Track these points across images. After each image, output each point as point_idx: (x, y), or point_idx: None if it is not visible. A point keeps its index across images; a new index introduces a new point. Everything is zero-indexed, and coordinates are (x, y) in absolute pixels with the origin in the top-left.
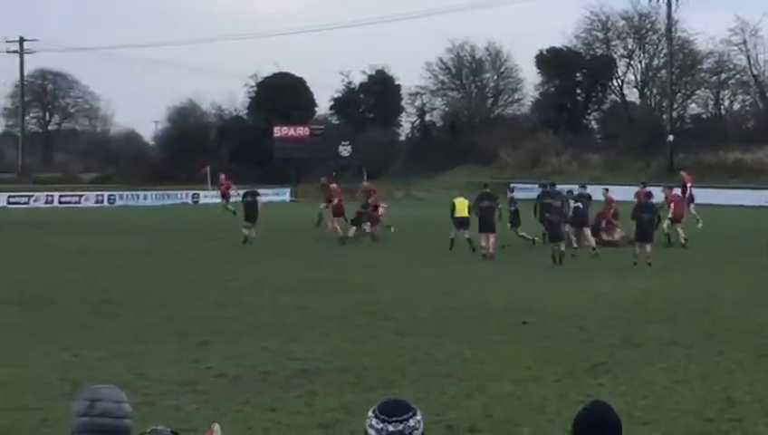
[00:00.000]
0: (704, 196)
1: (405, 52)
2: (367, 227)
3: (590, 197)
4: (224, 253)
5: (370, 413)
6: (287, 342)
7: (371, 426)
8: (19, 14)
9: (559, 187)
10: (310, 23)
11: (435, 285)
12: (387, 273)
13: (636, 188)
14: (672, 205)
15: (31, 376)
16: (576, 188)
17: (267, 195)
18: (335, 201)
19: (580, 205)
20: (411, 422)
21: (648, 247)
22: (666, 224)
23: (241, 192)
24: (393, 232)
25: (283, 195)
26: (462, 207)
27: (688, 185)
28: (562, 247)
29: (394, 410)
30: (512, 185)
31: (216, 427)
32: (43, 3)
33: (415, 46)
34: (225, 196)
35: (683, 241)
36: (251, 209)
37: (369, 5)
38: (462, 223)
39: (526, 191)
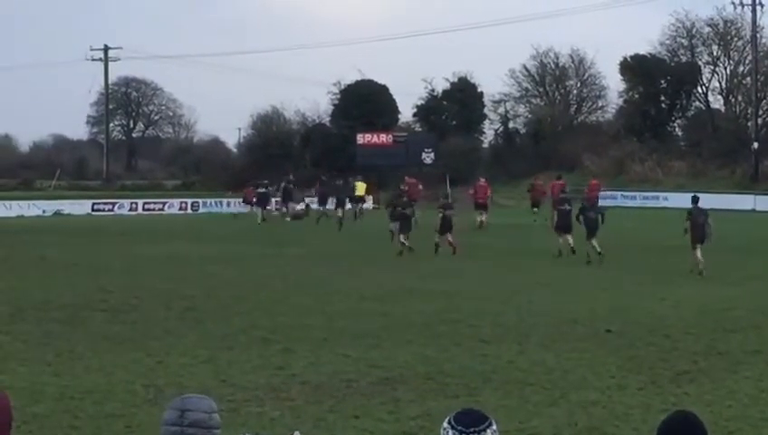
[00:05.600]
0: None
1: (488, 59)
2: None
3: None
4: (306, 260)
5: (446, 424)
6: (370, 349)
7: None
8: (103, 23)
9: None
10: (392, 30)
11: (517, 292)
12: (469, 280)
13: (715, 195)
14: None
15: (116, 383)
16: None
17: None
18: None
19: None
20: (488, 432)
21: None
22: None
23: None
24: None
25: (366, 202)
26: (360, 188)
27: None
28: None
29: (471, 421)
30: None
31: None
32: (126, 11)
33: (498, 53)
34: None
35: None
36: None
37: (451, 13)
38: (359, 200)
39: (609, 199)
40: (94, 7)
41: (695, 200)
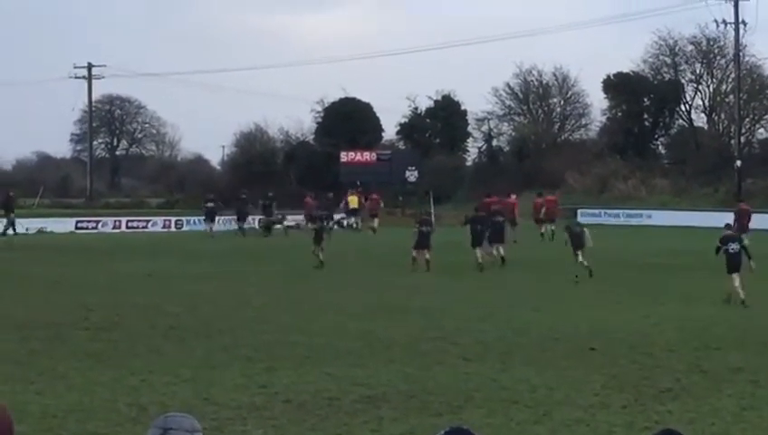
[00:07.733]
0: None
1: (471, 77)
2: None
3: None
4: (289, 278)
5: None
6: (352, 367)
7: None
8: (87, 40)
9: None
10: (376, 48)
11: (499, 309)
12: (451, 297)
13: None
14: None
15: (98, 401)
16: None
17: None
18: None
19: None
20: None
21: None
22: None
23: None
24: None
25: (350, 219)
26: (353, 201)
27: None
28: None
29: None
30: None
31: None
32: (110, 28)
33: (481, 71)
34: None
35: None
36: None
37: (435, 31)
38: (353, 212)
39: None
40: (78, 25)
41: (574, 214)
